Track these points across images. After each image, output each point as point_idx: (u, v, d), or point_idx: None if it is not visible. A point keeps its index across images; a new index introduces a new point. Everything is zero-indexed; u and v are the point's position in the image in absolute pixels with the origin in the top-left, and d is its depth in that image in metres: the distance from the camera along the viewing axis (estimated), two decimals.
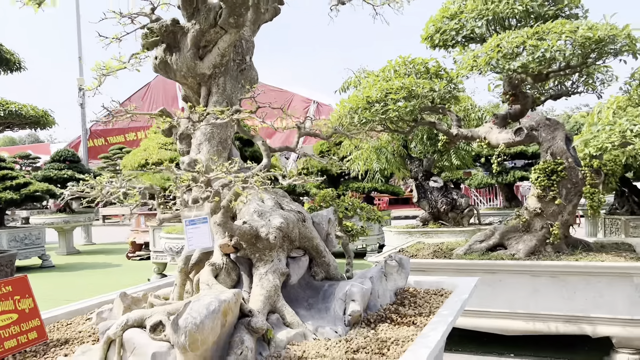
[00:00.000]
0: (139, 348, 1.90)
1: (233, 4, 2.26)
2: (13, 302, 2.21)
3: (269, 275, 2.26)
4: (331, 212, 2.65)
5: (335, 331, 2.17)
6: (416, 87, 4.10)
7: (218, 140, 2.49)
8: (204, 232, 2.01)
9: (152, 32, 2.40)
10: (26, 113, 3.61)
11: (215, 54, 2.42)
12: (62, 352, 2.14)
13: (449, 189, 7.19)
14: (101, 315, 2.56)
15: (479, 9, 4.26)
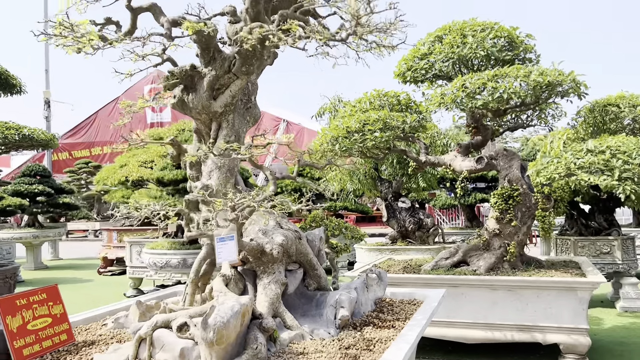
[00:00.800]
0: (167, 345, 2.25)
1: (245, 56, 2.68)
2: (47, 308, 2.53)
3: (271, 285, 2.65)
4: (322, 231, 3.07)
5: (329, 332, 2.58)
6: (390, 119, 4.59)
7: (227, 168, 2.89)
8: (231, 247, 2.39)
9: (173, 75, 2.79)
10: (37, 137, 3.90)
11: (227, 95, 2.83)
12: (92, 352, 2.46)
13: (416, 210, 7.71)
14: (118, 320, 2.89)
15: (446, 52, 4.81)
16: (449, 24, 5.09)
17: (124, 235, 12.18)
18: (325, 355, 2.27)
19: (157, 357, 2.26)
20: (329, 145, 4.66)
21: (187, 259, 6.10)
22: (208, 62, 2.80)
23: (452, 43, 4.80)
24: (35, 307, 2.47)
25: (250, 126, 3.04)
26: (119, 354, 2.34)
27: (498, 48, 4.76)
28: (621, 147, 4.01)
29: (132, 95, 27.35)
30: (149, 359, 2.25)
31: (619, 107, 4.82)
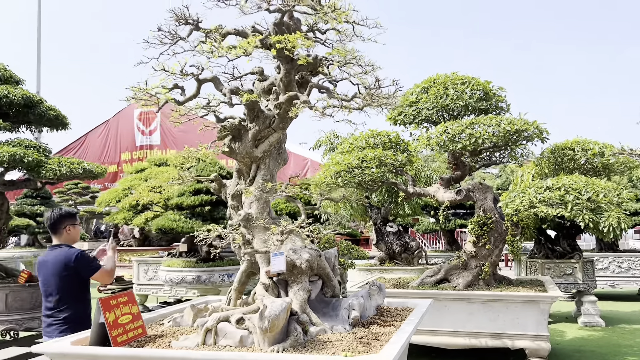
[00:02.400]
0: (228, 334, 3.03)
1: (283, 117, 3.52)
2: (128, 307, 3.28)
3: (300, 291, 3.45)
4: (335, 251, 3.89)
5: (345, 328, 3.37)
6: (384, 157, 5.47)
7: (264, 201, 3.70)
8: (281, 261, 3.18)
9: (225, 128, 3.61)
10: (95, 170, 4.64)
11: (266, 144, 3.66)
12: (165, 341, 3.22)
13: (402, 234, 8.57)
14: (175, 320, 3.64)
15: (432, 101, 5.73)
16: (434, 77, 6.04)
17: (123, 255, 12.82)
18: (345, 343, 3.06)
19: (220, 342, 3.03)
20: (333, 179, 5.51)
21: (201, 276, 6.82)
22: (252, 119, 3.63)
23: (436, 94, 5.73)
24: (121, 306, 3.22)
25: (280, 167, 3.87)
26: (189, 341, 3.10)
27: (475, 99, 5.70)
28: (573, 185, 4.93)
29: (123, 118, 27.76)
30: (214, 344, 3.03)
31: (574, 151, 5.76)
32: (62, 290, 3.67)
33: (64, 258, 3.68)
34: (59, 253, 3.74)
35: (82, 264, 3.70)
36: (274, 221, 3.73)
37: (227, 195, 4.00)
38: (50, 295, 3.68)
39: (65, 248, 3.79)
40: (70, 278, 3.68)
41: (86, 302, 3.83)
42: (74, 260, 3.67)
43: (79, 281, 3.74)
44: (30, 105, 4.79)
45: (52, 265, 3.70)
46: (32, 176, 4.46)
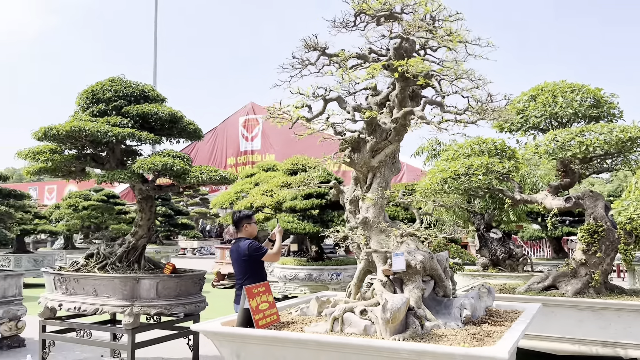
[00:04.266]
0: (353, 323, 3.45)
1: (399, 130, 3.89)
2: (266, 296, 3.81)
3: (414, 289, 3.78)
4: (446, 254, 4.17)
5: (457, 325, 3.66)
6: (491, 165, 5.62)
7: (379, 206, 4.08)
8: (402, 260, 3.56)
9: (345, 141, 4.06)
10: (229, 177, 5.31)
11: (382, 155, 4.04)
12: (297, 327, 3.70)
13: (506, 240, 8.56)
14: (302, 310, 4.13)
15: (540, 109, 5.80)
16: (542, 85, 6.08)
17: None
18: (459, 337, 3.35)
19: (346, 330, 3.45)
20: (439, 185, 5.76)
21: (312, 274, 7.37)
22: (370, 132, 4.03)
23: (544, 102, 5.79)
24: (261, 295, 3.76)
25: (394, 175, 4.24)
26: (319, 327, 3.56)
27: (585, 107, 5.68)
28: None
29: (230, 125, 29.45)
30: (341, 332, 3.46)
31: None
32: (242, 270, 4.92)
33: (241, 248, 4.90)
34: (239, 244, 4.97)
35: (253, 250, 4.85)
36: (388, 225, 4.11)
37: (344, 200, 4.44)
38: (237, 274, 4.99)
39: (244, 240, 4.97)
40: (247, 262, 4.88)
41: (258, 278, 4.80)
42: (247, 249, 4.86)
43: (252, 263, 4.89)
44: (174, 120, 5.55)
45: (236, 253, 4.97)
46: (178, 182, 5.18)
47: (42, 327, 5.60)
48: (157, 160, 4.99)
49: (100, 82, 5.70)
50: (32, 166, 5.69)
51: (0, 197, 7.01)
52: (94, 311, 5.14)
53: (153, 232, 5.62)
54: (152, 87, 5.82)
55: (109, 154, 5.69)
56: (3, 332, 6.84)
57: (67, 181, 32.63)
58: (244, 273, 4.95)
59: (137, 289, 5.06)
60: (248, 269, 4.94)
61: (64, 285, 5.35)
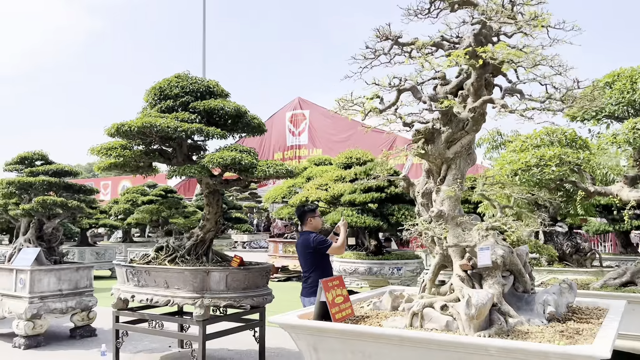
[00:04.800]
0: (434, 318, 3.36)
1: (477, 120, 3.76)
2: (340, 290, 3.78)
3: (495, 285, 3.65)
4: (526, 248, 4.02)
5: (542, 322, 3.51)
6: (565, 155, 5.38)
7: (455, 198, 3.97)
8: (487, 255, 3.45)
9: (419, 132, 3.96)
10: (294, 170, 5.33)
11: (458, 146, 3.92)
12: (374, 321, 3.65)
13: (573, 234, 8.21)
14: (375, 304, 4.08)
15: (617, 96, 5.50)
16: (617, 71, 5.76)
17: (287, 246, 13.95)
18: (546, 335, 3.21)
19: (426, 326, 3.38)
20: (509, 178, 5.56)
21: (372, 268, 7.30)
22: (445, 123, 3.92)
23: (622, 89, 5.48)
24: (335, 288, 3.73)
25: (470, 167, 4.11)
26: (397, 322, 3.50)
27: None
28: None
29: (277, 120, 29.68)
30: (420, 327, 3.38)
31: None
32: (308, 263, 5.00)
33: (306, 241, 5.00)
34: (304, 237, 5.07)
35: (317, 243, 4.93)
36: (472, 219, 3.99)
37: (415, 193, 4.34)
38: (303, 267, 5.08)
39: (308, 234, 5.07)
40: (312, 255, 4.95)
41: (324, 270, 4.91)
42: (312, 242, 4.96)
43: (317, 256, 4.95)
44: (239, 115, 5.59)
45: (301, 246, 5.08)
46: (246, 176, 5.23)
47: (115, 317, 5.78)
48: (225, 154, 5.04)
49: (166, 78, 5.81)
50: (103, 162, 5.86)
51: (72, 192, 7.29)
52: (165, 303, 5.26)
53: (220, 225, 5.69)
54: (216, 83, 5.88)
55: (176, 149, 5.80)
56: (76, 322, 7.14)
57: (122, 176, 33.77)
58: (310, 266, 4.97)
59: (207, 281, 5.14)
60: (314, 262, 4.97)
61: (136, 277, 5.50)
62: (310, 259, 4.98)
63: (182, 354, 6.27)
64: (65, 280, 6.89)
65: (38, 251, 6.75)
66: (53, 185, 7.02)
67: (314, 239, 4.96)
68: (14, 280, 6.73)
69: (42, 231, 7.20)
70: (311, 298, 4.83)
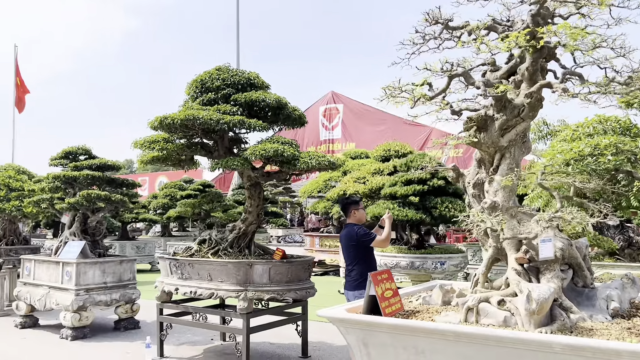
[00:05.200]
0: (490, 314, 3.21)
1: (534, 106, 3.58)
2: (389, 283, 3.67)
3: (553, 279, 3.47)
4: (585, 241, 3.81)
5: (606, 318, 3.32)
6: (622, 144, 5.11)
7: (510, 188, 3.80)
8: (549, 247, 3.29)
9: (471, 119, 3.80)
10: (336, 162, 5.24)
11: (513, 133, 3.75)
12: (425, 316, 3.52)
13: (625, 227, 7.85)
14: (424, 298, 3.95)
15: None
16: None
17: (324, 240, 13.89)
18: (612, 332, 3.02)
19: (482, 321, 3.23)
20: (561, 167, 5.32)
21: (414, 262, 7.15)
22: (499, 109, 3.74)
23: None
24: (384, 282, 3.62)
25: (524, 156, 3.92)
26: (450, 317, 3.36)
27: None
28: None
29: (310, 115, 29.66)
30: (476, 323, 3.24)
31: None
32: (351, 256, 4.87)
33: (350, 233, 4.85)
34: (348, 230, 4.92)
35: (361, 236, 4.79)
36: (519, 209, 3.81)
37: (465, 184, 4.18)
38: (346, 260, 4.95)
39: (352, 226, 4.92)
40: (356, 248, 4.83)
41: (368, 264, 4.84)
42: (356, 235, 4.81)
43: (361, 249, 4.82)
44: (280, 107, 5.53)
45: (344, 239, 4.95)
46: (288, 168, 5.16)
47: (159, 310, 5.83)
48: (267, 146, 4.99)
49: (207, 71, 5.80)
50: (146, 155, 5.90)
51: (114, 186, 7.39)
52: (209, 295, 5.26)
53: (262, 218, 5.65)
54: (257, 75, 5.83)
55: (217, 142, 5.78)
56: (120, 314, 7.24)
57: (159, 172, 34.23)
58: (353, 259, 4.87)
59: (250, 274, 5.11)
60: (357, 255, 4.88)
61: (180, 270, 5.52)
62: (353, 252, 4.88)
63: (224, 346, 6.28)
64: (109, 273, 7.00)
65: (83, 244, 6.87)
66: (96, 179, 7.13)
67: (358, 231, 4.84)
68: (60, 272, 6.87)
69: (87, 225, 7.33)
70: (356, 292, 4.74)
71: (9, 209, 8.39)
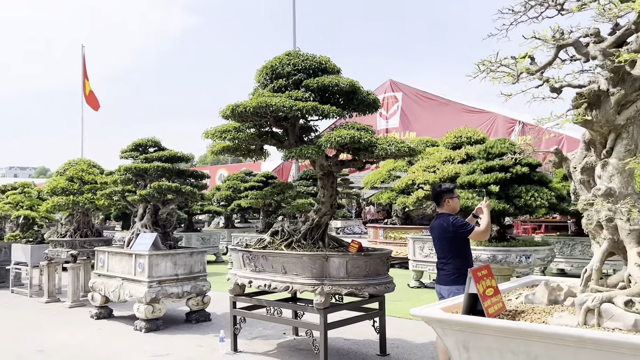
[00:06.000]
0: (616, 316, 2.80)
1: None
2: (489, 280, 3.31)
3: None
4: None
5: None
6: None
7: (627, 173, 3.33)
8: None
9: (581, 95, 3.35)
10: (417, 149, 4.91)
11: (632, 109, 3.27)
12: (533, 317, 3.14)
13: None
14: (527, 297, 3.55)
15: None
16: None
17: (388, 232, 13.52)
18: None
19: (605, 325, 2.82)
20: None
21: (496, 255, 6.68)
22: (616, 83, 3.28)
23: None
24: (485, 279, 3.26)
25: None
26: (564, 319, 2.96)
27: None
28: None
29: None
30: (598, 326, 2.83)
31: None
32: (445, 248, 4.51)
33: (445, 224, 4.47)
34: (442, 220, 4.54)
35: (458, 227, 4.42)
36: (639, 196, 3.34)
37: (570, 169, 3.73)
38: (439, 253, 4.59)
39: (447, 216, 4.54)
40: (452, 239, 4.46)
41: (464, 257, 4.47)
42: (452, 225, 4.43)
43: (457, 241, 4.47)
44: (353, 91, 5.23)
45: (438, 229, 4.56)
46: (365, 156, 4.86)
47: (232, 303, 5.71)
48: (344, 133, 4.71)
49: (277, 57, 5.58)
50: (216, 145, 5.77)
51: (184, 178, 7.36)
52: (284, 288, 5.06)
53: (335, 208, 5.39)
54: (327, 59, 5.56)
55: (288, 130, 5.56)
56: (191, 307, 7.22)
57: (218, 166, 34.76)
58: (448, 252, 4.50)
59: (327, 267, 4.87)
60: (452, 247, 4.51)
61: (253, 262, 5.36)
62: (447, 244, 4.48)
63: (298, 341, 6.10)
64: (180, 265, 6.97)
65: (155, 236, 6.87)
66: (166, 171, 7.11)
67: (454, 222, 4.43)
68: (133, 264, 6.91)
69: (157, 217, 7.34)
70: (452, 287, 4.38)
71: (83, 201, 8.57)
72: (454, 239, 4.46)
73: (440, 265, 4.61)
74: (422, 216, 13.32)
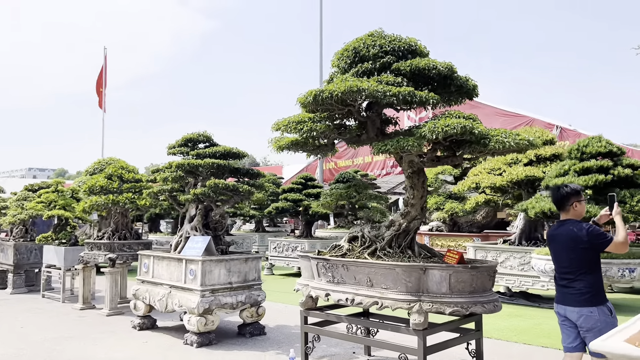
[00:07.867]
0: None
1: None
2: None
3: None
4: None
5: None
6: None
7: None
8: None
9: None
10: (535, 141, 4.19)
11: None
12: None
13: None
14: None
15: None
16: None
17: (435, 239, 12.73)
18: None
19: None
20: None
21: None
22: None
23: None
24: None
25: None
26: None
27: None
28: None
29: None
30: None
31: None
32: (576, 262, 3.78)
33: (577, 232, 3.75)
34: (572, 227, 3.82)
35: (594, 237, 3.71)
36: None
37: None
38: (563, 266, 3.87)
39: (575, 223, 3.84)
40: (585, 251, 3.74)
41: (598, 272, 3.78)
42: (586, 235, 3.71)
43: (591, 253, 3.77)
44: (449, 76, 4.53)
45: (567, 238, 3.83)
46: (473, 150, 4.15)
47: (303, 318, 5.01)
48: (451, 122, 3.99)
49: (359, 37, 4.88)
50: (283, 139, 5.09)
51: (239, 176, 6.69)
52: (370, 304, 4.36)
53: (426, 211, 4.66)
54: (416, 40, 4.85)
55: (367, 122, 4.86)
56: (245, 319, 6.55)
57: None
58: (579, 266, 3.75)
59: (425, 281, 4.15)
60: (585, 260, 3.76)
61: (330, 272, 4.66)
62: (579, 257, 3.74)
63: None
64: (234, 272, 6.30)
65: (208, 240, 6.21)
66: (220, 168, 6.45)
67: (589, 230, 3.70)
68: (183, 271, 6.25)
69: (208, 218, 6.68)
70: (583, 309, 3.65)
71: (123, 200, 7.96)
72: (589, 251, 3.73)
73: (565, 282, 3.84)
74: (471, 223, 12.52)
